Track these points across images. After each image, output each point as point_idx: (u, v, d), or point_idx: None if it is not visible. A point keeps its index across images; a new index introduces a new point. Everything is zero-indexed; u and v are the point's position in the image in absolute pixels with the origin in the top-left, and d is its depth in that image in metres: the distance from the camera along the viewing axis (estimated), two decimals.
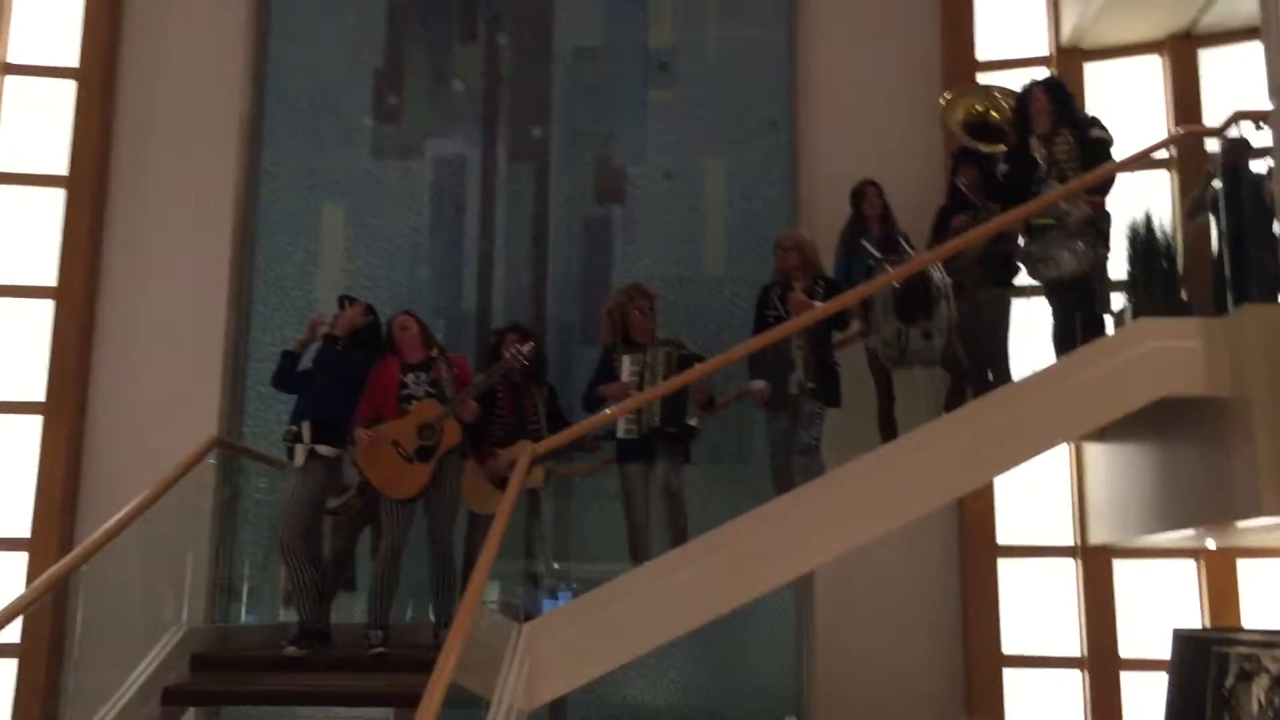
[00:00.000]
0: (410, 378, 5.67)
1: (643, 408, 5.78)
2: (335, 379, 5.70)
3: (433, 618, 5.82)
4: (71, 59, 7.51)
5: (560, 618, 5.23)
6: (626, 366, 6.04)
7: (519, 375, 6.14)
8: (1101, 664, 6.57)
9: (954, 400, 5.92)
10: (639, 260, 7.45)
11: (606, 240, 7.52)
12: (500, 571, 6.32)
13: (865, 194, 6.29)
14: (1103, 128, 5.85)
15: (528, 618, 5.16)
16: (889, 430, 5.92)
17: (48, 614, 6.56)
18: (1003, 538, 6.84)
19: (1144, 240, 5.75)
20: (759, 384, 5.93)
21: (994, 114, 6.64)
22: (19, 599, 4.49)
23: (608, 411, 5.74)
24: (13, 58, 7.52)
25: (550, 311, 7.43)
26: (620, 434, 5.87)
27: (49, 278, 7.29)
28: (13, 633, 6.62)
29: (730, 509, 5.57)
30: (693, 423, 5.97)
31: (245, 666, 5.41)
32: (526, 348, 5.84)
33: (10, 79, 7.51)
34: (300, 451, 5.62)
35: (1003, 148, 6.33)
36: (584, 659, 5.10)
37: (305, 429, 5.64)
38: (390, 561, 5.42)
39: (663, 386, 5.68)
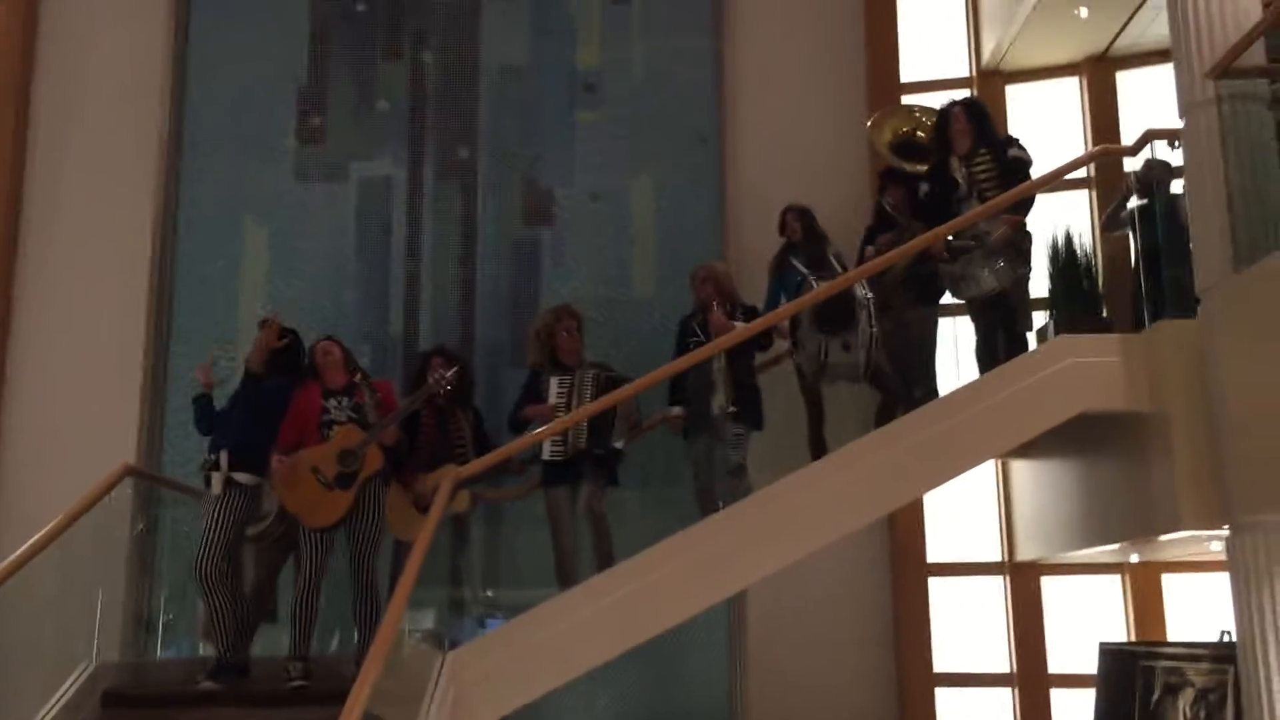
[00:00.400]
0: (332, 403, 5.57)
1: (569, 430, 5.73)
2: (253, 408, 5.59)
3: (356, 650, 5.69)
4: None
5: (486, 645, 5.13)
6: (553, 388, 5.99)
7: (444, 399, 6.05)
8: (1031, 680, 6.61)
9: (884, 418, 5.93)
10: (568, 282, 7.39)
11: (535, 262, 7.46)
12: (430, 599, 6.22)
13: (784, 220, 6.29)
14: (1021, 147, 5.93)
15: (454, 646, 5.06)
16: (819, 450, 5.91)
17: None
18: (933, 555, 6.87)
19: (1064, 258, 5.82)
20: (675, 410, 5.91)
21: (919, 134, 6.71)
22: None
23: (535, 433, 5.67)
24: None
25: (478, 333, 7.35)
26: (546, 456, 5.81)
27: None
28: None
29: (660, 532, 5.50)
30: (618, 445, 5.92)
31: (159, 703, 5.24)
32: (450, 373, 5.78)
33: None
34: (217, 479, 5.49)
35: (923, 166, 6.39)
36: (511, 686, 5.01)
37: (223, 457, 5.52)
38: (309, 591, 5.30)
39: (590, 408, 5.64)
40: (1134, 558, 6.42)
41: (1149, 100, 6.87)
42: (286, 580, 6.01)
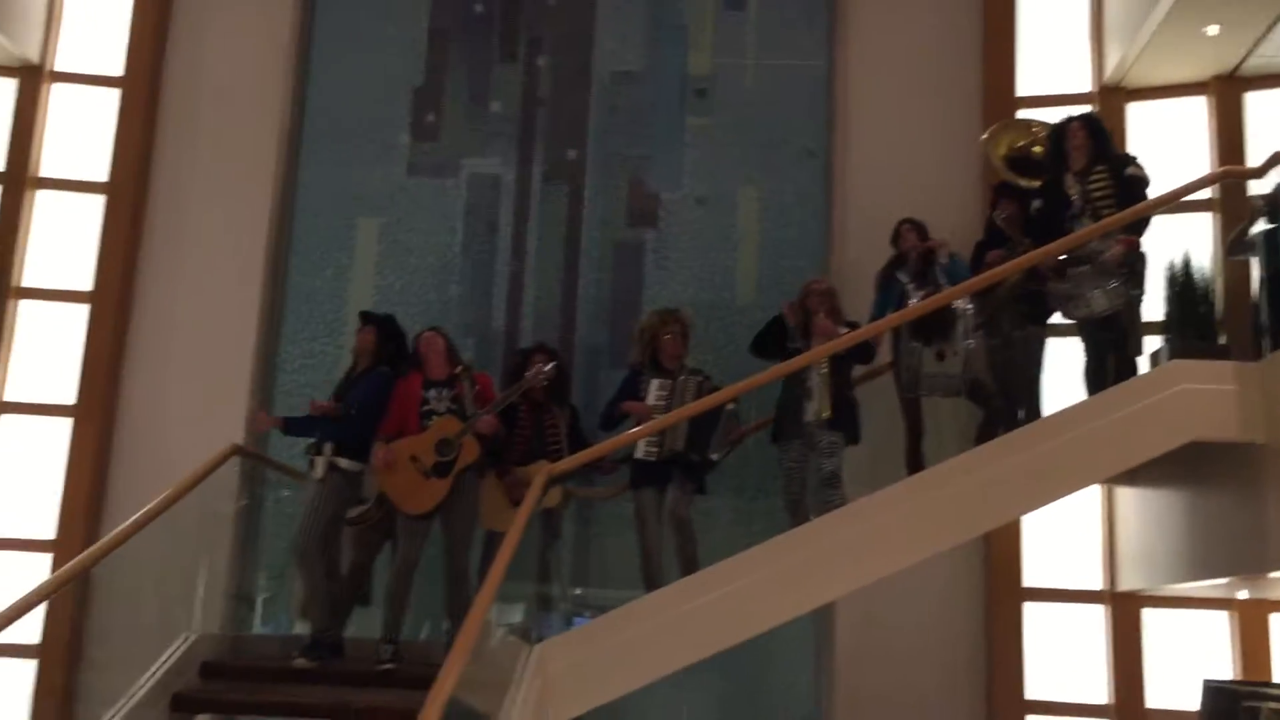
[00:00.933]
0: (433, 393, 5.68)
1: (666, 432, 5.74)
2: (357, 396, 5.72)
3: (446, 637, 5.78)
4: (117, 68, 7.63)
5: (572, 640, 5.17)
6: (654, 389, 6.00)
7: (541, 394, 6.12)
8: (1128, 713, 6.41)
9: (984, 436, 5.82)
10: (669, 285, 7.42)
11: (637, 264, 7.50)
12: (519, 593, 6.29)
13: (900, 232, 6.21)
14: (1139, 166, 5.77)
15: (540, 640, 5.11)
16: (916, 467, 5.83)
17: (67, 615, 6.59)
18: (1029, 580, 6.72)
19: (1182, 282, 5.67)
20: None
21: (1036, 149, 6.58)
22: (29, 594, 4.49)
23: (631, 431, 5.69)
24: (60, 66, 7.64)
25: (578, 334, 7.41)
26: (639, 454, 5.82)
27: (85, 283, 7.38)
28: (33, 633, 6.71)
29: (748, 541, 5.49)
30: (714, 457, 5.91)
31: (254, 676, 5.38)
32: (549, 366, 5.83)
33: (56, 86, 7.63)
34: (320, 463, 5.64)
35: (1034, 181, 6.26)
36: (595, 682, 5.03)
37: (327, 447, 5.66)
38: (403, 576, 5.40)
39: (689, 408, 5.64)
40: (1242, 594, 6.19)
41: (1279, 122, 6.64)
42: (381, 565, 6.14)
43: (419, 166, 7.66)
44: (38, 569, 6.95)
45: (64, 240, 7.48)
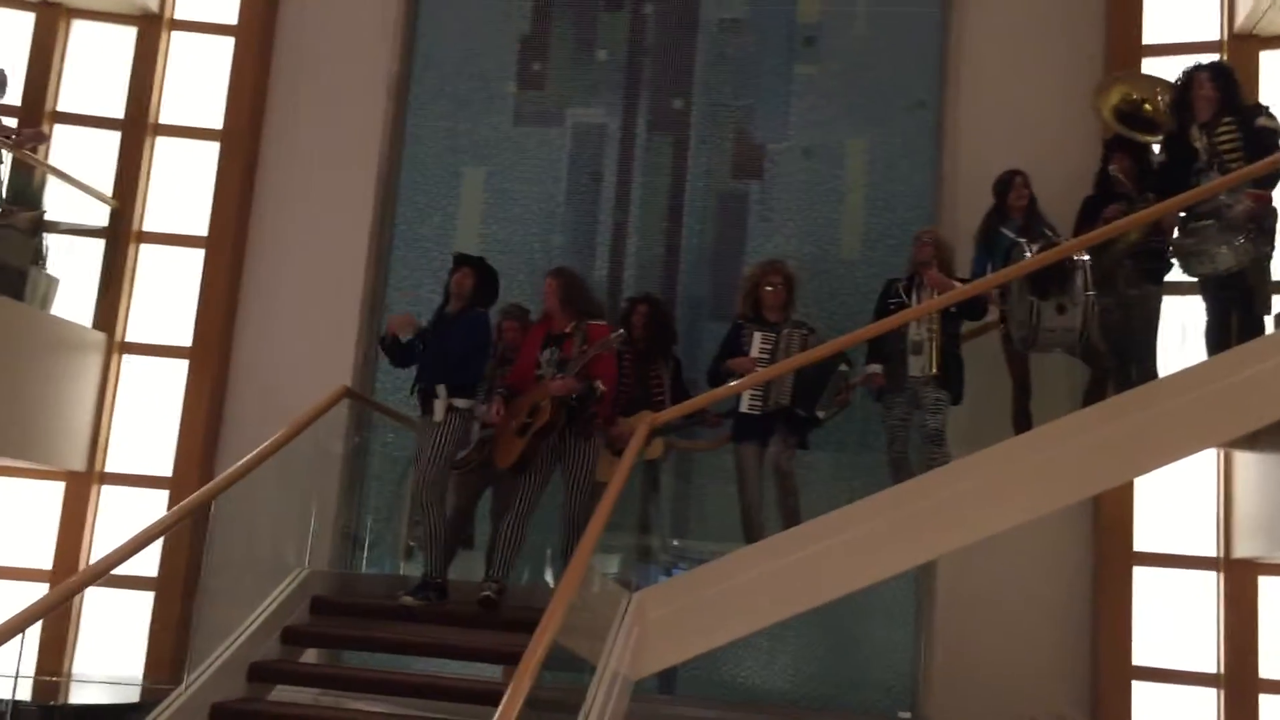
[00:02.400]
0: (544, 355, 5.65)
1: (771, 386, 5.70)
2: (454, 341, 5.75)
3: (551, 583, 5.85)
4: (232, 16, 7.77)
5: (671, 589, 5.21)
6: (757, 342, 5.96)
7: (644, 345, 6.12)
8: (1239, 683, 6.24)
9: (1093, 396, 5.67)
10: (773, 238, 7.33)
11: (741, 216, 7.42)
12: (619, 543, 6.33)
13: (1012, 183, 6.03)
14: (1271, 116, 5.53)
15: (640, 589, 5.14)
16: (1023, 426, 5.70)
17: (184, 548, 6.83)
18: (1140, 544, 6.55)
19: None
20: (874, 368, 5.78)
21: (1148, 106, 6.32)
22: (151, 526, 4.66)
23: (735, 383, 5.66)
24: (178, 14, 7.80)
25: (681, 285, 7.38)
26: (744, 408, 5.79)
27: (201, 227, 7.57)
28: (150, 566, 6.99)
29: (850, 497, 5.45)
30: (821, 414, 5.84)
31: (363, 613, 5.51)
32: (615, 336, 5.67)
33: (175, 34, 7.80)
34: (440, 406, 5.66)
35: (1152, 139, 6.03)
36: (693, 633, 5.06)
37: (441, 390, 5.69)
38: (518, 521, 5.43)
39: (792, 361, 5.59)
40: None
41: None
42: (482, 509, 6.23)
43: (525, 115, 7.67)
44: (155, 504, 7.23)
45: (181, 186, 7.68)
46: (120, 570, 4.49)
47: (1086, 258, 5.50)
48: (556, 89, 7.67)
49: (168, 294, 7.58)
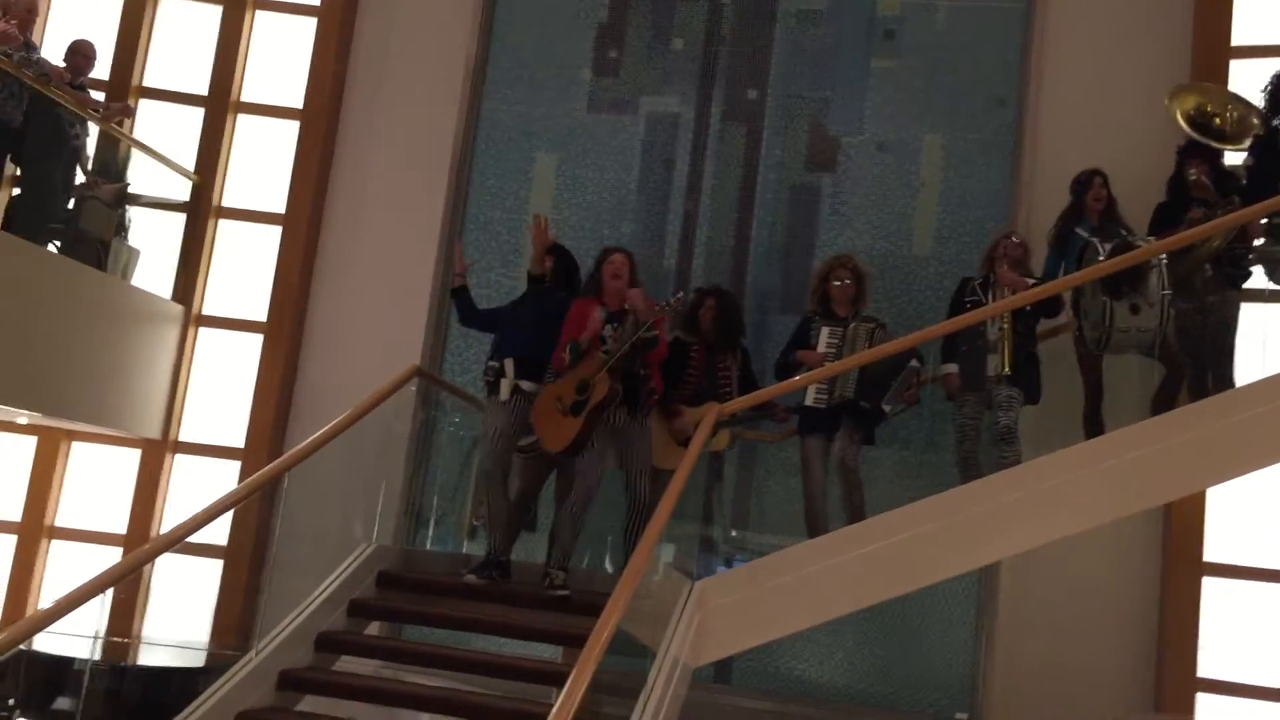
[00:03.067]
0: (609, 329, 5.57)
1: (836, 380, 5.68)
2: (534, 317, 5.77)
3: (609, 568, 5.87)
4: None
5: (733, 579, 5.21)
6: (824, 337, 5.94)
7: (713, 336, 6.10)
8: None
9: (1163, 400, 5.57)
10: (845, 232, 7.29)
11: (813, 209, 7.38)
12: (683, 532, 6.35)
13: (1090, 183, 5.93)
14: None
15: (701, 579, 5.15)
16: (1094, 429, 5.63)
17: (253, 519, 6.98)
18: (1211, 555, 6.45)
19: None
20: (950, 368, 5.74)
21: (1218, 120, 6.18)
22: (225, 497, 4.76)
23: (801, 376, 5.65)
24: None
25: (750, 277, 7.36)
26: (809, 401, 5.78)
27: (279, 205, 7.70)
28: (220, 535, 7.14)
29: (915, 495, 5.41)
30: (887, 408, 5.80)
31: (427, 589, 5.59)
32: (675, 298, 5.64)
33: (260, 14, 7.93)
34: (505, 385, 5.68)
35: (1222, 147, 5.92)
36: (753, 624, 5.08)
37: (509, 366, 5.72)
38: (580, 506, 5.43)
39: (859, 357, 5.56)
40: None
41: None
42: (546, 493, 6.27)
43: (599, 102, 7.69)
44: (227, 474, 7.39)
45: (260, 163, 7.82)
46: (191, 539, 4.59)
47: (1163, 258, 5.40)
48: (631, 77, 7.68)
49: (245, 269, 7.74)
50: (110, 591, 4.20)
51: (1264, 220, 5.45)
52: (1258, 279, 5.75)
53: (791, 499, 6.17)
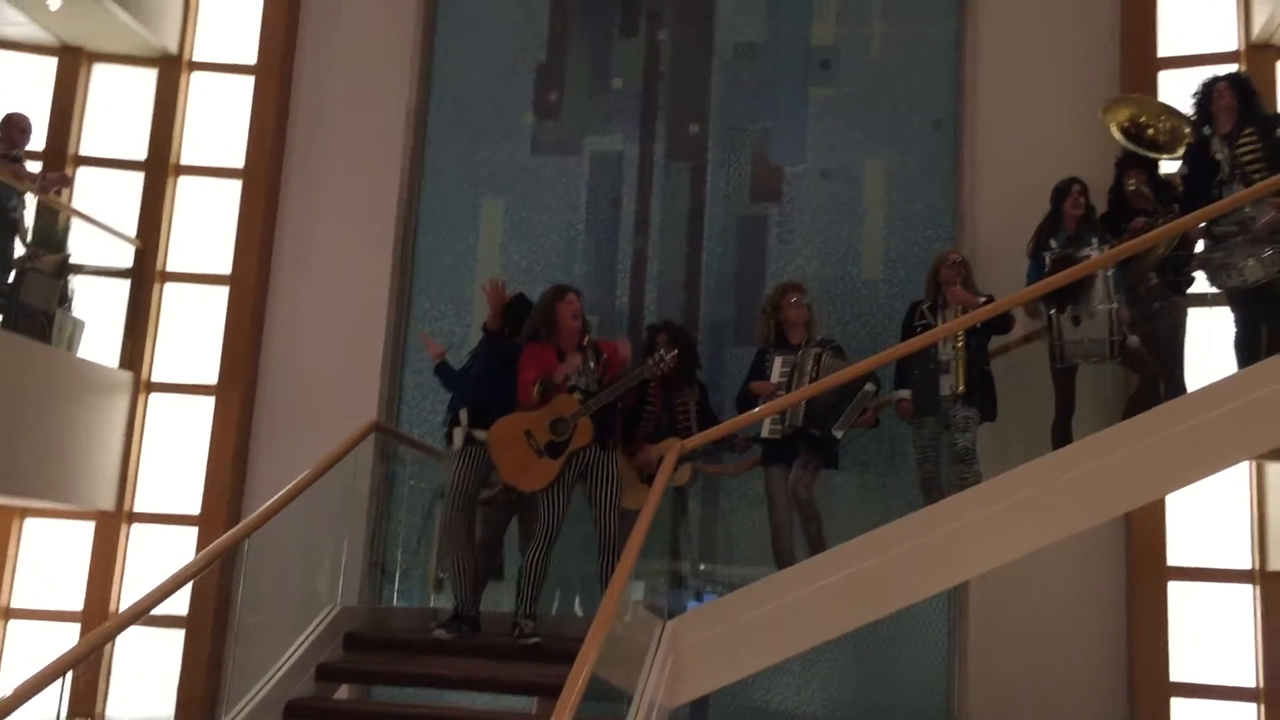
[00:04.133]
0: (577, 365, 5.48)
1: (788, 409, 5.68)
2: (489, 366, 5.75)
3: (580, 612, 5.81)
4: (250, 56, 7.85)
5: (704, 616, 5.16)
6: (777, 366, 5.96)
7: (671, 372, 6.09)
8: (1278, 697, 6.16)
9: (1137, 408, 5.59)
10: (794, 260, 7.33)
11: (761, 239, 7.43)
12: (651, 570, 6.31)
13: (1069, 192, 5.93)
14: None
15: (672, 616, 5.12)
16: (1063, 440, 5.63)
17: (214, 587, 6.83)
18: (1174, 559, 6.50)
19: None
20: (903, 393, 5.77)
21: (1151, 130, 6.30)
22: (184, 568, 4.66)
23: (754, 411, 5.65)
24: (197, 55, 7.88)
25: (703, 310, 7.39)
26: (764, 433, 5.79)
27: (225, 265, 7.62)
28: (181, 605, 6.99)
29: (880, 519, 5.41)
30: (839, 434, 5.80)
31: (396, 648, 5.50)
32: (670, 354, 5.60)
33: (195, 75, 7.88)
34: (459, 435, 5.65)
35: (1158, 157, 6.03)
36: (727, 660, 5.03)
37: (463, 415, 5.69)
38: (543, 551, 5.37)
39: (813, 387, 5.57)
40: None
41: None
42: (511, 539, 6.21)
43: (542, 144, 7.70)
44: (185, 543, 7.25)
45: (204, 224, 7.75)
46: (151, 611, 4.48)
47: (1109, 270, 5.48)
48: (573, 118, 7.71)
49: (193, 332, 7.64)
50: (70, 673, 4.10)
51: (1202, 225, 5.53)
52: (1201, 284, 5.84)
53: (759, 530, 6.16)
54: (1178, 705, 6.31)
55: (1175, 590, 6.45)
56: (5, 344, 6.50)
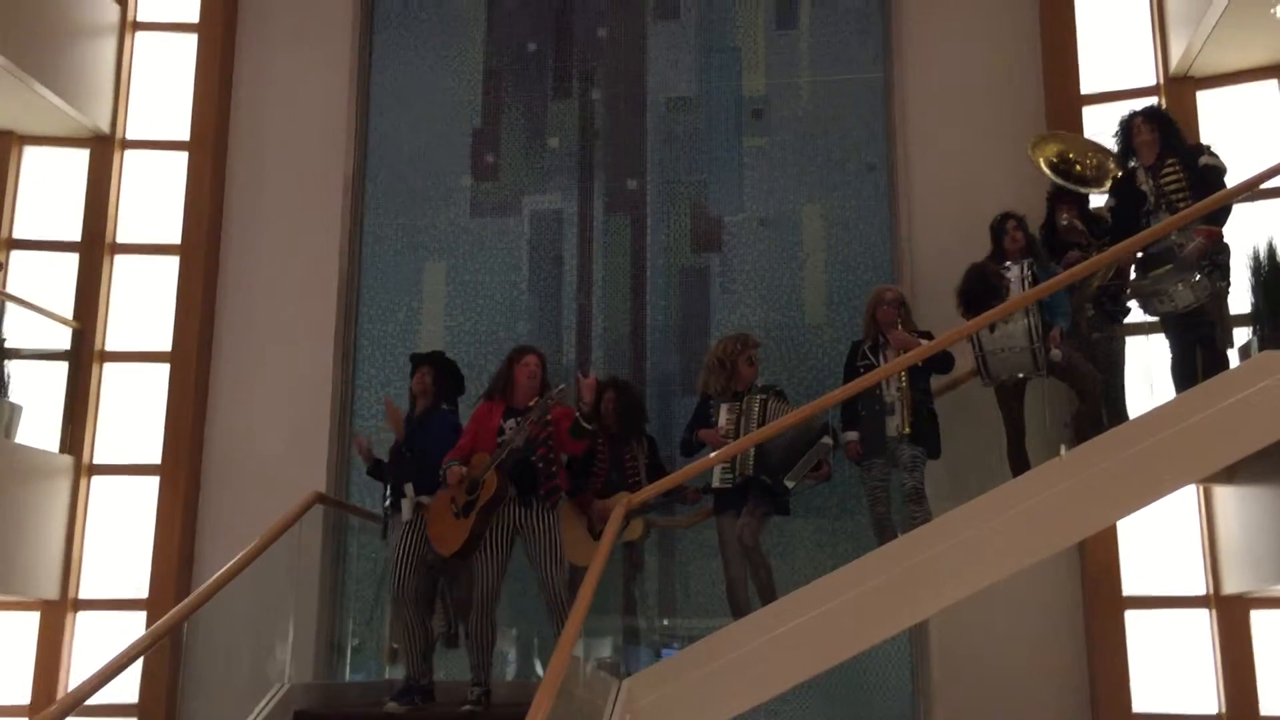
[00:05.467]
0: (510, 423, 5.46)
1: (737, 457, 5.67)
2: (426, 439, 5.71)
3: (540, 673, 5.72)
4: (183, 132, 7.81)
5: (659, 673, 5.10)
6: (724, 414, 5.96)
7: (616, 426, 6.08)
8: None
9: (1080, 424, 5.60)
10: (737, 309, 7.36)
11: (704, 289, 7.46)
12: (606, 627, 6.24)
13: (1005, 228, 5.96)
14: (1213, 155, 5.65)
15: (629, 674, 5.05)
16: (1021, 466, 5.62)
17: (164, 671, 6.68)
18: (1129, 588, 6.51)
19: (1267, 270, 5.50)
20: (850, 436, 5.78)
21: (1079, 167, 6.43)
22: (122, 653, 4.54)
23: (702, 460, 5.64)
24: (130, 134, 7.84)
25: (649, 363, 7.38)
26: (716, 483, 5.77)
27: (165, 343, 7.52)
28: (130, 691, 6.82)
29: (835, 562, 5.40)
30: (790, 484, 5.79)
31: None
32: (558, 389, 5.50)
33: (128, 153, 7.83)
34: (407, 505, 5.61)
35: (1087, 191, 6.15)
36: (687, 715, 4.95)
37: (409, 489, 5.64)
38: (483, 615, 5.30)
39: (767, 430, 5.56)
40: None
41: None
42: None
43: (481, 207, 7.71)
44: (133, 628, 7.07)
45: (142, 302, 7.65)
46: (99, 699, 4.36)
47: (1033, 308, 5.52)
48: (511, 179, 7.74)
49: (134, 412, 7.50)
50: None
51: (1139, 254, 5.62)
52: (1137, 314, 5.92)
53: (716, 581, 6.11)
54: None
55: (1132, 619, 6.45)
56: None
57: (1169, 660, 6.39)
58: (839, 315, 7.24)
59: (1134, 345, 6.21)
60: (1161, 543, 6.51)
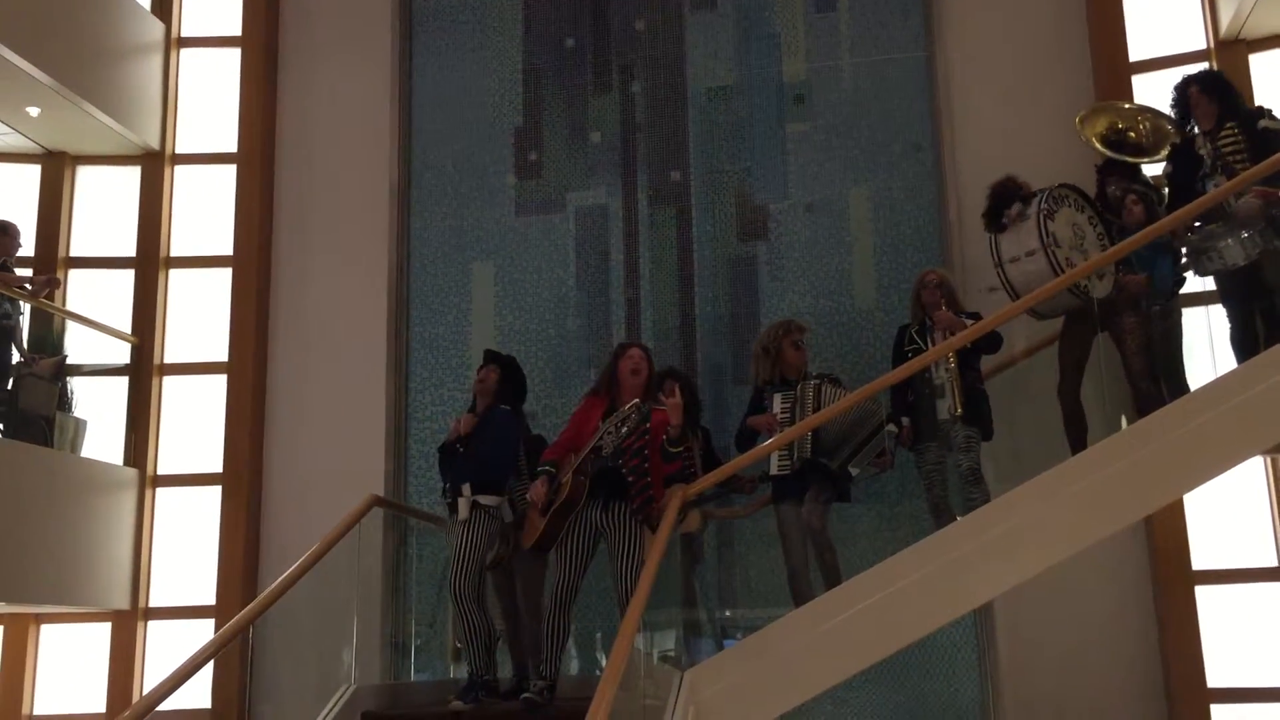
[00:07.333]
0: (608, 425, 5.25)
1: (794, 443, 5.63)
2: (485, 439, 5.73)
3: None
4: (231, 145, 7.92)
5: (723, 663, 5.08)
6: (777, 404, 5.91)
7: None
8: None
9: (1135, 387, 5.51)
10: (786, 296, 7.32)
11: (752, 278, 7.42)
12: (668, 620, 6.22)
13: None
14: (1274, 118, 5.53)
15: (691, 665, 5.03)
16: (1072, 414, 5.54)
17: (233, 678, 6.78)
18: (1199, 562, 6.39)
19: None
20: (902, 421, 5.71)
21: (1132, 134, 6.32)
22: (189, 660, 4.60)
23: (757, 448, 5.60)
24: (179, 149, 7.97)
25: (700, 354, 7.36)
26: (774, 470, 5.73)
27: (220, 353, 7.64)
28: (203, 697, 6.93)
29: (895, 547, 5.33)
30: (854, 471, 5.74)
31: None
32: (630, 405, 5.22)
33: (179, 168, 7.96)
34: (464, 504, 5.61)
35: (1143, 160, 6.05)
36: (749, 706, 4.93)
37: (466, 489, 5.65)
38: (559, 609, 5.28)
39: (820, 416, 5.50)
40: None
41: None
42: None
43: (526, 205, 7.74)
44: (202, 635, 7.19)
45: (198, 314, 7.78)
46: (171, 704, 4.43)
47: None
48: (555, 176, 7.75)
49: (195, 423, 7.64)
50: None
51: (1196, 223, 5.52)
52: (1194, 283, 5.80)
53: (777, 570, 6.05)
54: (1218, 712, 6.18)
55: (1203, 594, 6.33)
56: (6, 452, 6.51)
57: (1242, 634, 6.27)
58: (889, 299, 7.16)
59: (1194, 316, 6.07)
60: (1230, 515, 6.38)
